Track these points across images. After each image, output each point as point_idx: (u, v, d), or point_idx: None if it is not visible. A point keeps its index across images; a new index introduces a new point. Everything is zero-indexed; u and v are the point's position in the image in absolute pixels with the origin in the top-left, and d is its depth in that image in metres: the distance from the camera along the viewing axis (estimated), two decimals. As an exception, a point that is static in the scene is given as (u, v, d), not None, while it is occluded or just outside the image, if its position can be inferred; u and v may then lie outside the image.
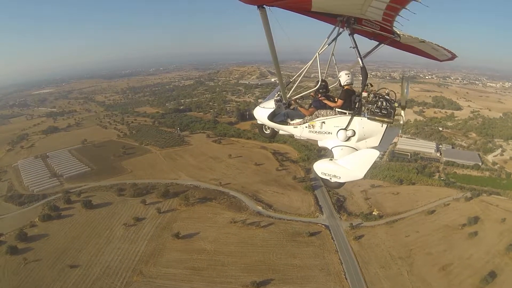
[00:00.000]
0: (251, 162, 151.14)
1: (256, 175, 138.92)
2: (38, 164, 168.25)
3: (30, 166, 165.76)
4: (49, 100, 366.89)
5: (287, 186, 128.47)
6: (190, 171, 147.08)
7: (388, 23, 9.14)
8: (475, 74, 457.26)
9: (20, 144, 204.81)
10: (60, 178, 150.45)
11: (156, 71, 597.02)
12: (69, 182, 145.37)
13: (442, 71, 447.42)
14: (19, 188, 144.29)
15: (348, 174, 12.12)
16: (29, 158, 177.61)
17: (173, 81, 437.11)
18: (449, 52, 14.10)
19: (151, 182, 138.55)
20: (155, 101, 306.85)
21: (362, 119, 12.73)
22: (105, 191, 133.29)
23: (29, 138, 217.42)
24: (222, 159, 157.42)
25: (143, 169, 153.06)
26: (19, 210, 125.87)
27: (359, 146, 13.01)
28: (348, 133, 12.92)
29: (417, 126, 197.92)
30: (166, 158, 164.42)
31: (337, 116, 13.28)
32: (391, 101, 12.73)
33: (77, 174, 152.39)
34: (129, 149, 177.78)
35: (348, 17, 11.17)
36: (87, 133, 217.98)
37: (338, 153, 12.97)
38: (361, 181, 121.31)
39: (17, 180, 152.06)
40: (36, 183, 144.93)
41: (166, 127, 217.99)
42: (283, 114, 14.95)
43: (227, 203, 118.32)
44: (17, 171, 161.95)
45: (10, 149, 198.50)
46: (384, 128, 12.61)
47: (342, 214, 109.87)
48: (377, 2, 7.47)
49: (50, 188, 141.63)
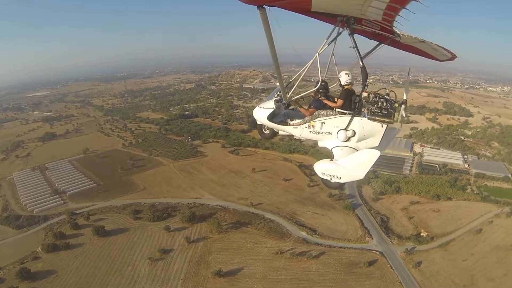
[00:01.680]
0: (278, 177, 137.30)
1: (288, 193, 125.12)
2: (36, 178, 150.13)
3: (27, 180, 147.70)
4: (44, 103, 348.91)
5: (324, 205, 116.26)
6: (213, 189, 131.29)
7: (388, 23, 9.10)
8: (472, 78, 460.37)
9: (15, 153, 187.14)
10: (63, 195, 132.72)
11: (152, 74, 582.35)
12: (74, 200, 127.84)
13: (438, 74, 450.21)
14: (16, 207, 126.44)
15: (348, 175, 11.89)
16: (26, 170, 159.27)
17: (172, 84, 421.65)
18: (449, 52, 13.85)
19: (170, 202, 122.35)
20: (157, 105, 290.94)
21: (362, 119, 12.59)
22: (117, 213, 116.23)
23: (25, 146, 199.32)
24: (246, 174, 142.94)
25: (157, 185, 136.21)
26: (17, 235, 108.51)
27: (359, 146, 12.84)
28: (348, 134, 12.78)
29: (438, 136, 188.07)
30: (182, 172, 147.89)
31: (337, 116, 13.15)
32: (391, 101, 12.51)
33: (82, 191, 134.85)
34: (137, 161, 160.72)
35: (348, 17, 10.98)
36: (88, 140, 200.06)
37: (338, 154, 12.81)
38: (399, 198, 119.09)
39: (13, 197, 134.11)
40: (36, 202, 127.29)
41: (175, 135, 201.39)
42: (283, 114, 14.74)
43: (266, 228, 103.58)
44: (13, 186, 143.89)
45: (4, 158, 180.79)
46: (384, 128, 12.44)
47: (392, 237, 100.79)
48: (377, 2, 7.41)
49: (52, 208, 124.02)
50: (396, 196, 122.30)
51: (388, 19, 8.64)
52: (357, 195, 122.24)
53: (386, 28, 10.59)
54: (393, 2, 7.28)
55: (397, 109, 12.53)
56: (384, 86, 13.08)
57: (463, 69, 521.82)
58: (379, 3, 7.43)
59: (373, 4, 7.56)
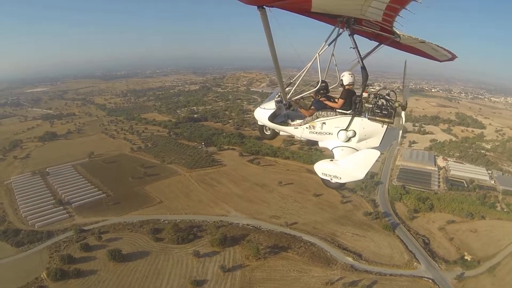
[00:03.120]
0: (307, 192, 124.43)
1: (322, 210, 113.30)
2: (37, 184, 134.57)
3: (27, 186, 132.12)
4: (44, 100, 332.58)
5: (363, 225, 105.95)
6: (239, 204, 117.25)
7: (388, 23, 9.15)
8: (472, 87, 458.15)
9: (13, 153, 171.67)
10: (68, 206, 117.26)
11: (153, 74, 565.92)
12: (81, 214, 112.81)
13: (438, 83, 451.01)
14: (14, 219, 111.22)
15: (349, 175, 11.95)
16: (25, 175, 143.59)
17: (176, 85, 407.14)
18: (449, 52, 13.71)
19: (193, 219, 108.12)
20: (162, 106, 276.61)
21: (362, 119, 12.61)
22: (133, 231, 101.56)
23: (24, 146, 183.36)
24: (272, 187, 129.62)
25: (175, 198, 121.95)
26: (17, 255, 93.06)
27: (360, 146, 12.84)
28: (348, 134, 12.80)
29: (460, 149, 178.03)
30: (200, 183, 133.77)
31: (337, 116, 13.14)
32: (392, 101, 12.48)
33: (89, 202, 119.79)
34: (149, 168, 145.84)
35: (348, 17, 11.06)
36: (92, 143, 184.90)
37: (339, 154, 12.87)
38: (434, 216, 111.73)
39: (11, 206, 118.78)
40: (37, 214, 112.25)
41: (186, 140, 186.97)
42: (283, 115, 14.70)
43: (308, 253, 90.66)
44: (10, 192, 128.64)
45: (0, 159, 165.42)
46: (384, 129, 12.42)
47: (439, 261, 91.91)
48: (377, 3, 7.42)
49: (56, 222, 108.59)
50: (430, 215, 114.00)
51: (388, 19, 8.61)
52: (392, 213, 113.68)
53: (386, 29, 10.53)
54: (393, 3, 7.24)
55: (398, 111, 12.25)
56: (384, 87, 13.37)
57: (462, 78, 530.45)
58: (379, 4, 7.40)
59: (373, 4, 7.50)
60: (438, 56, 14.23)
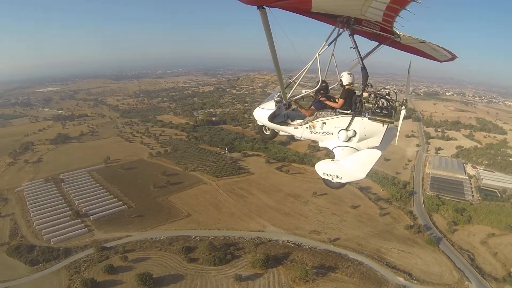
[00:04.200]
0: (344, 203, 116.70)
1: (362, 224, 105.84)
2: (50, 192, 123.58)
3: (40, 195, 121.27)
4: (55, 100, 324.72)
5: (407, 240, 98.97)
6: (275, 218, 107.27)
7: (388, 23, 9.13)
8: (484, 91, 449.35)
9: (24, 156, 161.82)
10: (86, 219, 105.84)
11: (163, 74, 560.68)
12: (101, 228, 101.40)
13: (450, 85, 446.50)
14: (27, 232, 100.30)
15: (349, 175, 11.88)
16: (38, 181, 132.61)
17: (189, 86, 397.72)
18: (449, 52, 13.85)
19: (228, 235, 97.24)
20: (178, 108, 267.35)
21: (363, 119, 12.57)
22: (162, 250, 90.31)
23: (35, 149, 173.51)
24: (306, 198, 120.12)
25: (205, 211, 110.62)
26: (31, 275, 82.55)
27: (360, 146, 12.80)
28: (349, 134, 12.73)
29: (488, 157, 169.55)
30: (229, 194, 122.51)
31: (338, 116, 13.09)
32: (392, 101, 12.45)
33: (109, 215, 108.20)
34: (171, 176, 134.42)
35: (348, 17, 11.01)
36: (107, 146, 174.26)
37: (340, 154, 12.72)
38: (474, 229, 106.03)
39: (24, 217, 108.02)
40: (53, 227, 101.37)
41: (207, 145, 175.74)
42: (283, 115, 14.55)
43: (358, 274, 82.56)
44: (22, 201, 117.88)
45: (11, 163, 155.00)
46: (385, 128, 12.41)
47: (488, 279, 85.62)
48: (377, 3, 7.43)
49: (73, 237, 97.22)
50: (469, 227, 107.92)
51: (388, 19, 8.55)
52: (432, 225, 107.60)
53: (386, 29, 10.46)
54: (393, 3, 7.24)
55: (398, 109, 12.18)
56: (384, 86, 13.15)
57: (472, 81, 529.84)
58: (379, 4, 7.39)
59: (373, 5, 7.51)
60: (438, 56, 14.18)
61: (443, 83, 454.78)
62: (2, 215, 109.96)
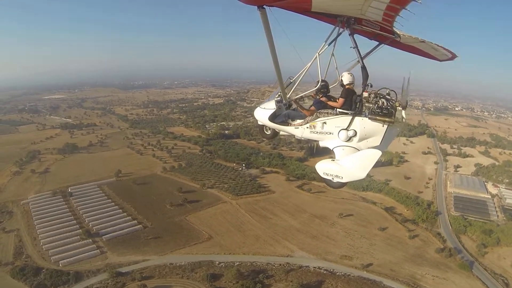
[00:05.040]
0: (371, 225, 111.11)
1: (392, 248, 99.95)
2: (58, 207, 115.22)
3: (47, 210, 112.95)
4: (62, 107, 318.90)
5: (439, 264, 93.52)
6: (302, 241, 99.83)
7: (388, 23, 9.05)
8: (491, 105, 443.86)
9: (31, 166, 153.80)
10: (97, 239, 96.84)
11: (171, 85, 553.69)
12: (115, 250, 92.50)
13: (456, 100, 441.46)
14: (33, 251, 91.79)
15: (350, 174, 11.74)
16: (45, 194, 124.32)
17: (198, 97, 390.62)
18: (448, 51, 13.67)
19: (254, 261, 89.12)
20: (189, 120, 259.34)
21: (363, 119, 12.39)
22: (184, 277, 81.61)
23: (42, 158, 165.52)
24: (332, 220, 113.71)
25: (227, 233, 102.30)
26: (38, 303, 72.60)
27: (361, 146, 12.59)
28: (349, 133, 12.53)
29: (508, 175, 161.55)
30: (252, 214, 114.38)
31: (338, 116, 12.89)
32: (392, 100, 12.30)
33: (123, 235, 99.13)
34: (188, 193, 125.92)
35: (348, 17, 11.07)
36: (117, 158, 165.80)
37: (340, 153, 12.56)
38: (503, 252, 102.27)
39: (29, 234, 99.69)
40: (61, 247, 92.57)
41: (222, 160, 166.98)
42: (284, 115, 14.37)
43: None
44: (28, 215, 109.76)
45: (17, 172, 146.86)
46: (385, 128, 12.16)
47: None
48: (377, 3, 7.39)
49: (85, 259, 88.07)
50: (499, 249, 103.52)
51: (388, 19, 8.47)
52: (462, 248, 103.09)
53: (386, 28, 10.40)
54: (393, 3, 7.20)
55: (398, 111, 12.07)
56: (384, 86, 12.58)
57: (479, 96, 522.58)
58: (379, 4, 7.35)
59: (373, 4, 7.46)
60: (438, 55, 13.99)
61: (450, 98, 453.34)
62: (6, 231, 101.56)
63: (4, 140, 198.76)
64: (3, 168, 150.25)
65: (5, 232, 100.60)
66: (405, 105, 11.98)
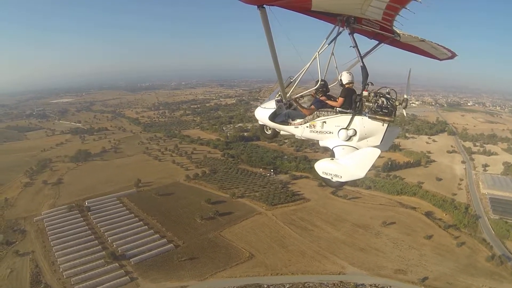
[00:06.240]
0: (416, 233, 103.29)
1: (443, 258, 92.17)
2: (76, 224, 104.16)
3: (63, 227, 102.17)
4: (71, 111, 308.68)
5: (492, 274, 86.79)
6: (351, 255, 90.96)
7: (388, 22, 8.91)
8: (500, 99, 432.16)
9: (42, 176, 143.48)
10: (124, 262, 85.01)
11: (179, 86, 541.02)
12: (146, 275, 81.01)
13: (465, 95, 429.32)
14: (52, 279, 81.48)
15: (349, 174, 11.33)
16: (60, 209, 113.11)
17: (210, 98, 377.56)
18: (448, 51, 13.26)
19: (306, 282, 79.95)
20: (204, 122, 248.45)
21: (363, 118, 12.03)
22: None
23: (54, 167, 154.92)
24: (376, 229, 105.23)
25: (270, 250, 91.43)
26: None
27: (360, 145, 12.23)
28: (349, 133, 12.14)
29: None
30: (291, 226, 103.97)
31: (338, 115, 12.54)
32: (392, 100, 11.88)
33: (154, 256, 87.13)
34: (218, 204, 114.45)
35: (348, 16, 10.82)
36: (134, 166, 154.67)
37: (339, 153, 12.17)
38: None
39: (46, 258, 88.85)
40: (84, 275, 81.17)
41: (247, 165, 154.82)
42: (284, 114, 14.03)
43: None
44: (43, 235, 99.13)
45: (28, 184, 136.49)
46: (385, 127, 11.83)
47: None
48: (377, 2, 7.31)
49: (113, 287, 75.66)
50: None
51: (388, 18, 8.36)
52: (510, 254, 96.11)
53: (386, 28, 10.20)
54: (393, 2, 7.13)
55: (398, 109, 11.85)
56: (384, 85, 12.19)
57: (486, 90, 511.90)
58: (379, 3, 7.27)
59: (373, 3, 7.37)
60: (438, 54, 13.63)
61: (458, 92, 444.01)
62: (20, 254, 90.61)
63: (13, 147, 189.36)
64: (13, 178, 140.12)
65: (19, 256, 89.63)
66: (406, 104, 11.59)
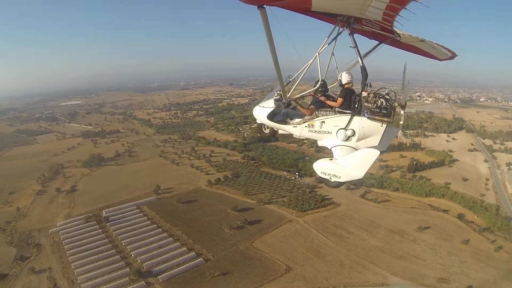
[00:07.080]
0: (452, 238, 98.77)
1: (484, 264, 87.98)
2: (95, 237, 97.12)
3: (81, 241, 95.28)
4: (81, 114, 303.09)
5: None
6: (391, 264, 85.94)
7: (388, 22, 9.02)
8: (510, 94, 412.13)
9: (55, 183, 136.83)
10: (151, 279, 77.34)
11: (188, 86, 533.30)
12: (176, 296, 71.99)
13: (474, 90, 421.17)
14: (72, 299, 71.91)
15: (348, 174, 11.36)
16: (76, 220, 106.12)
17: (221, 97, 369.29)
18: (449, 51, 13.52)
19: None
20: (218, 123, 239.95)
21: (362, 118, 12.04)
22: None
23: (67, 173, 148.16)
24: (412, 234, 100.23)
25: (307, 261, 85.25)
26: None
27: (359, 145, 12.24)
28: (348, 133, 12.16)
29: None
30: (325, 234, 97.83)
31: (337, 115, 12.54)
32: (391, 100, 11.89)
33: (183, 272, 79.37)
34: (245, 212, 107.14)
35: (348, 16, 10.84)
36: (151, 171, 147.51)
37: (338, 153, 12.22)
38: None
39: (65, 276, 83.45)
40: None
41: (270, 168, 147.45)
42: (282, 113, 14.00)
43: None
44: (59, 249, 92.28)
45: (40, 191, 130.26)
46: (383, 128, 11.81)
47: None
48: (377, 2, 7.35)
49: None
50: None
51: (388, 19, 8.44)
52: None
53: (386, 28, 10.26)
54: (393, 2, 7.16)
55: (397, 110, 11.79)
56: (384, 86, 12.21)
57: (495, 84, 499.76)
58: (379, 3, 7.29)
59: (373, 4, 7.40)
60: (438, 54, 13.86)
61: (468, 88, 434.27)
62: (36, 271, 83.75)
63: (23, 152, 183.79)
64: (25, 186, 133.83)
65: (35, 273, 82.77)
66: (404, 104, 11.55)
